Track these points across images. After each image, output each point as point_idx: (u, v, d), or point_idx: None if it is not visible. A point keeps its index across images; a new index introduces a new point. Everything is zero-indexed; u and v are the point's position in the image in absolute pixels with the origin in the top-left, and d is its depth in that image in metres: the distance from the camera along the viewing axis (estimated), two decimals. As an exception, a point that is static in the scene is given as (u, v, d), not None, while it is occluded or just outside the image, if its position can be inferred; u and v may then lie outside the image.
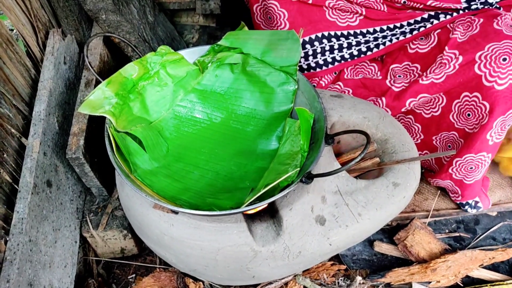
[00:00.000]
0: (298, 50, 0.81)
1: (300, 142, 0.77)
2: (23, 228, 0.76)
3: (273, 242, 0.75)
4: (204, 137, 0.86)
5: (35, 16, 0.95)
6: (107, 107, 0.76)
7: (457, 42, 0.84)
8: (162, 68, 0.84)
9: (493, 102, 0.80)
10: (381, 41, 1.02)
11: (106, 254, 1.06)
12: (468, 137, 0.89)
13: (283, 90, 0.85)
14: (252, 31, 0.87)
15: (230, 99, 0.88)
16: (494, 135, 0.86)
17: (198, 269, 0.83)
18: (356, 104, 0.92)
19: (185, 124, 0.86)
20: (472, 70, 0.82)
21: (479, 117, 0.84)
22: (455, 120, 0.90)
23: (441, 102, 0.91)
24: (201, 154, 0.84)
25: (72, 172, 0.98)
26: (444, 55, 0.85)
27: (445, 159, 1.00)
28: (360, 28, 1.02)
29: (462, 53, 0.83)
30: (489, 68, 0.79)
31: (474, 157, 0.91)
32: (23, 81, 0.91)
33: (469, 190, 1.02)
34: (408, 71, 0.97)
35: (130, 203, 0.81)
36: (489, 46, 0.79)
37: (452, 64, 0.84)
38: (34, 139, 0.85)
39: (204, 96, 0.88)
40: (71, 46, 1.04)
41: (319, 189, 0.79)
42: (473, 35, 0.81)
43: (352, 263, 1.06)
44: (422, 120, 0.98)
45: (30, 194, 0.80)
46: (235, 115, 0.88)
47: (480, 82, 0.80)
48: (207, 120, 0.88)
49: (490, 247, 1.09)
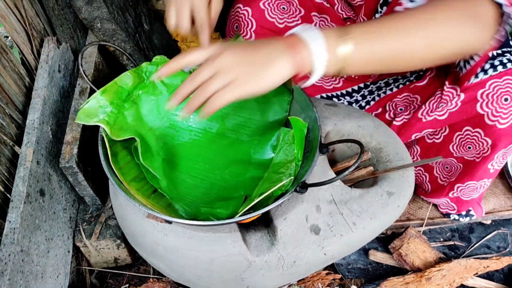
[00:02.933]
0: None
1: (294, 151, 0.77)
2: (15, 238, 0.76)
3: (268, 252, 0.75)
4: (198, 146, 0.86)
5: (30, 24, 0.94)
6: (101, 116, 0.76)
7: (457, 76, 0.83)
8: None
9: (495, 139, 0.81)
10: (370, 97, 1.03)
11: (99, 264, 1.05)
12: (468, 164, 0.90)
13: (278, 100, 0.85)
14: (247, 41, 0.87)
15: (225, 108, 0.88)
16: (496, 164, 0.87)
17: (192, 279, 0.82)
18: (350, 113, 0.92)
19: (180, 134, 0.86)
20: (474, 109, 0.81)
21: (481, 150, 0.84)
22: (454, 150, 0.91)
23: (444, 131, 0.92)
24: (196, 164, 0.84)
25: (66, 181, 0.97)
26: (444, 91, 0.85)
27: (441, 179, 1.00)
28: (346, 88, 1.03)
29: (463, 90, 0.82)
30: (491, 108, 0.79)
31: (476, 183, 0.92)
32: (17, 89, 0.91)
33: (466, 205, 1.03)
34: (409, 102, 0.97)
35: (124, 213, 0.81)
36: (490, 84, 0.78)
37: (454, 102, 0.84)
38: (28, 147, 0.85)
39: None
40: (66, 54, 1.03)
41: (314, 198, 0.79)
42: (472, 67, 0.79)
43: (347, 272, 1.06)
44: (423, 144, 0.99)
45: (23, 203, 0.79)
46: (230, 125, 0.88)
47: (483, 120, 0.81)
48: (202, 130, 0.87)
49: (484, 256, 1.09)
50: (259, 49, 0.60)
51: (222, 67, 0.58)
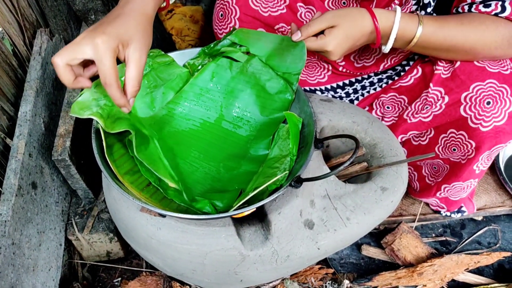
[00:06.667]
0: (302, 58, 0.79)
1: (289, 146, 0.77)
2: (6, 231, 0.75)
3: (262, 246, 0.75)
4: (195, 136, 0.85)
5: (22, 15, 0.93)
6: (94, 108, 0.75)
7: (441, 78, 0.84)
8: (152, 70, 0.83)
9: (479, 141, 0.81)
10: (354, 96, 1.04)
11: (91, 257, 1.04)
12: (454, 165, 0.91)
13: (280, 98, 0.84)
14: (263, 33, 0.85)
15: (225, 98, 0.87)
16: (481, 166, 0.88)
17: (186, 273, 0.82)
18: (345, 108, 0.93)
19: (177, 122, 0.85)
20: (458, 112, 0.83)
21: (466, 152, 0.85)
22: (440, 152, 0.92)
23: (430, 133, 0.93)
24: (191, 151, 0.83)
25: (58, 174, 0.97)
26: (429, 93, 0.86)
27: (429, 179, 1.01)
28: (330, 83, 1.03)
29: (447, 93, 0.83)
30: (474, 111, 0.80)
31: (462, 184, 0.93)
32: (9, 81, 0.90)
33: (455, 205, 1.04)
34: (395, 102, 0.98)
35: (117, 206, 0.80)
36: (473, 87, 0.80)
37: (438, 104, 0.85)
38: (20, 140, 0.83)
39: (200, 94, 0.87)
40: (59, 46, 1.02)
41: (308, 193, 0.79)
42: (456, 70, 0.81)
43: (340, 266, 1.07)
44: (410, 146, 0.99)
45: (14, 196, 0.78)
46: (228, 116, 0.87)
47: (466, 123, 0.82)
48: (199, 119, 0.87)
49: (475, 251, 1.10)
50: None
51: None
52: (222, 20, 0.93)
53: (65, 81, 0.60)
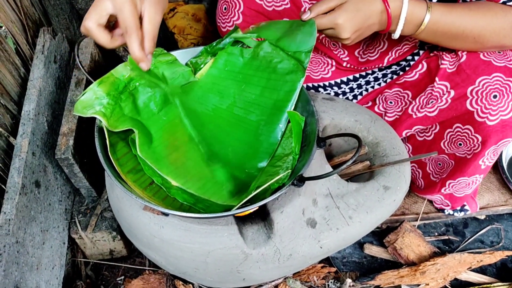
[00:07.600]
0: (312, 34, 0.77)
1: (292, 145, 0.77)
2: (10, 230, 0.75)
3: (264, 244, 0.75)
4: (206, 120, 0.85)
5: (25, 14, 0.93)
6: (97, 107, 0.75)
7: (447, 73, 0.84)
8: (155, 69, 0.83)
9: (485, 135, 0.81)
10: (357, 91, 1.03)
11: (94, 256, 1.05)
12: (460, 161, 0.90)
13: (291, 78, 0.82)
14: (274, 21, 0.85)
15: (238, 85, 0.86)
16: (487, 161, 0.87)
17: (188, 271, 0.82)
18: (348, 107, 0.93)
19: (192, 103, 0.86)
20: (464, 106, 0.82)
21: (472, 146, 0.85)
22: (445, 147, 0.91)
23: (435, 128, 0.93)
24: (200, 133, 0.83)
25: (61, 173, 0.97)
26: (435, 87, 0.85)
27: (433, 176, 1.01)
28: (334, 79, 1.03)
29: (453, 87, 0.83)
30: (480, 105, 0.79)
31: (467, 179, 0.93)
32: (12, 79, 0.90)
33: (459, 201, 1.03)
34: (399, 97, 0.97)
35: (120, 205, 0.80)
36: (480, 81, 0.79)
37: (444, 98, 0.85)
38: (23, 138, 0.84)
39: (214, 83, 0.86)
40: (62, 45, 1.02)
41: (311, 192, 0.79)
42: (461, 64, 0.81)
43: (342, 265, 1.07)
44: (414, 142, 0.99)
45: (18, 194, 0.78)
46: (240, 102, 0.86)
47: (472, 117, 0.81)
48: (212, 105, 0.86)
49: (478, 250, 1.10)
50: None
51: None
52: (226, 13, 0.93)
53: (103, 41, 0.64)
